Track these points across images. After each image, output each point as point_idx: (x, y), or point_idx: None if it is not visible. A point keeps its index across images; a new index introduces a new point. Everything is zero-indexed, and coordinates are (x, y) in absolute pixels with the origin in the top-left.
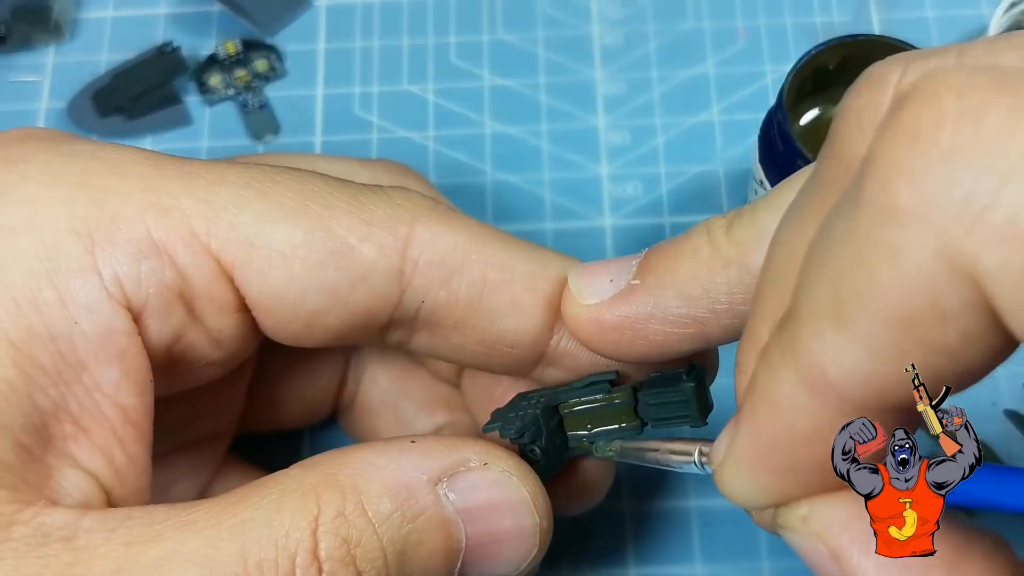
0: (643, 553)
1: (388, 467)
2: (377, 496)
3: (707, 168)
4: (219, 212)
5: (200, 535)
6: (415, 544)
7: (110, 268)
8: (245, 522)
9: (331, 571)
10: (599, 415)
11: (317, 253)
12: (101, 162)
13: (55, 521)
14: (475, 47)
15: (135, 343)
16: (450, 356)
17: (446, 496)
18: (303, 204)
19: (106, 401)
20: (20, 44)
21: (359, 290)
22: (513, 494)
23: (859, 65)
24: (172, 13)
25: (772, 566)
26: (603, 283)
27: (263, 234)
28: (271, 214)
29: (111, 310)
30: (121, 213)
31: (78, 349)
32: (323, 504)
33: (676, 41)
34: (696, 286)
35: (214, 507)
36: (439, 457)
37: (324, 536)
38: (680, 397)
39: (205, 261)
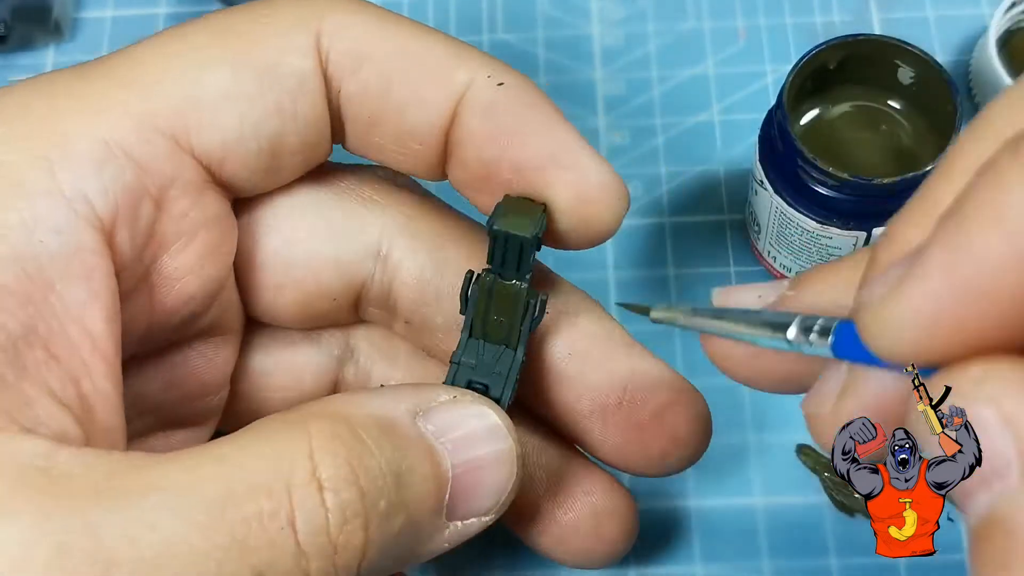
0: (643, 553)
1: (369, 402)
2: (365, 422)
3: (707, 168)
4: (150, 87)
5: (182, 465)
6: (408, 470)
7: (73, 185)
8: (231, 453)
9: (335, 488)
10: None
11: (250, 83)
12: (35, 90)
13: (31, 449)
14: (475, 47)
15: (103, 264)
16: (379, 159)
17: (425, 427)
18: (219, 44)
19: (74, 326)
20: (20, 44)
21: (300, 99)
22: (487, 421)
23: (859, 65)
24: (172, 13)
25: (772, 566)
26: (750, 297)
27: (198, 87)
28: (195, 66)
29: (78, 228)
30: (69, 129)
31: (44, 269)
32: (314, 430)
33: (676, 41)
34: None
35: (196, 448)
36: (411, 395)
37: (322, 457)
38: None
39: (158, 142)
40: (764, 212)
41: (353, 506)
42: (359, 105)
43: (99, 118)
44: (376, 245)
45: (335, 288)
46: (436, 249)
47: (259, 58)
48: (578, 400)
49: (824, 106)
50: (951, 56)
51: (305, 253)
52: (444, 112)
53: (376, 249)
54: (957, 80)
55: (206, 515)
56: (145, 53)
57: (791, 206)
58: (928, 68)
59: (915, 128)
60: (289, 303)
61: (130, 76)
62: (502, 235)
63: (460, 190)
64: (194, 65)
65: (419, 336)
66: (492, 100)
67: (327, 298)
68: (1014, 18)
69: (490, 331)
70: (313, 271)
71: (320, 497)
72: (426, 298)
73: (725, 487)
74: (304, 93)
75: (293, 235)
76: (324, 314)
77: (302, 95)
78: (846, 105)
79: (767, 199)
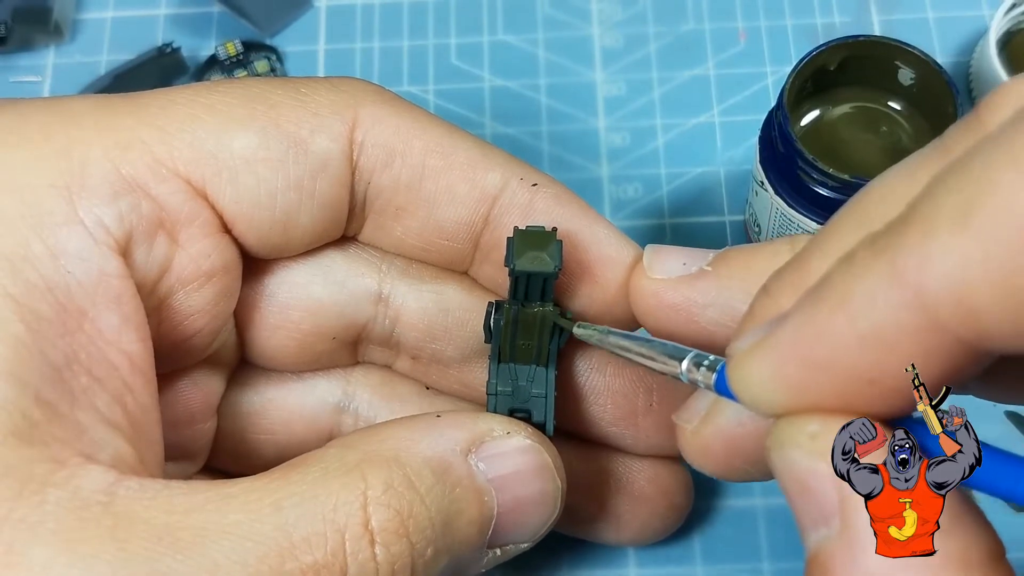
0: (643, 553)
1: (424, 441)
2: (420, 468)
3: (708, 169)
4: (175, 135)
5: (242, 508)
6: (456, 514)
7: (91, 214)
8: (290, 496)
9: (385, 543)
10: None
11: (275, 152)
12: (57, 115)
13: (92, 483)
14: (475, 48)
15: (129, 286)
16: (397, 249)
17: (477, 466)
18: (251, 108)
19: (111, 349)
20: (20, 45)
21: (321, 180)
22: (537, 460)
23: (859, 66)
24: (172, 14)
25: (772, 566)
26: (675, 264)
27: (222, 144)
28: (224, 124)
29: (101, 255)
30: (88, 158)
31: (75, 297)
32: (370, 478)
33: (676, 42)
34: None
35: (255, 483)
36: (467, 428)
37: (376, 509)
38: None
39: (176, 184)
40: (764, 213)
41: (402, 559)
42: (389, 198)
43: (120, 153)
44: (377, 288)
45: (334, 328)
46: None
47: (289, 131)
48: (606, 409)
49: (824, 107)
50: (951, 57)
51: (303, 298)
52: (477, 210)
53: (377, 292)
54: (957, 81)
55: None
56: (178, 98)
57: (791, 207)
58: (928, 69)
59: (915, 129)
60: (286, 344)
61: (158, 118)
62: (524, 274)
63: (484, 284)
64: (224, 122)
65: (426, 371)
66: (530, 202)
67: (326, 338)
68: (1014, 19)
69: (519, 355)
70: (311, 312)
71: (372, 551)
72: (434, 333)
73: (725, 488)
74: (327, 175)
75: (292, 279)
76: (322, 355)
77: (325, 176)
78: (846, 106)
79: (767, 200)
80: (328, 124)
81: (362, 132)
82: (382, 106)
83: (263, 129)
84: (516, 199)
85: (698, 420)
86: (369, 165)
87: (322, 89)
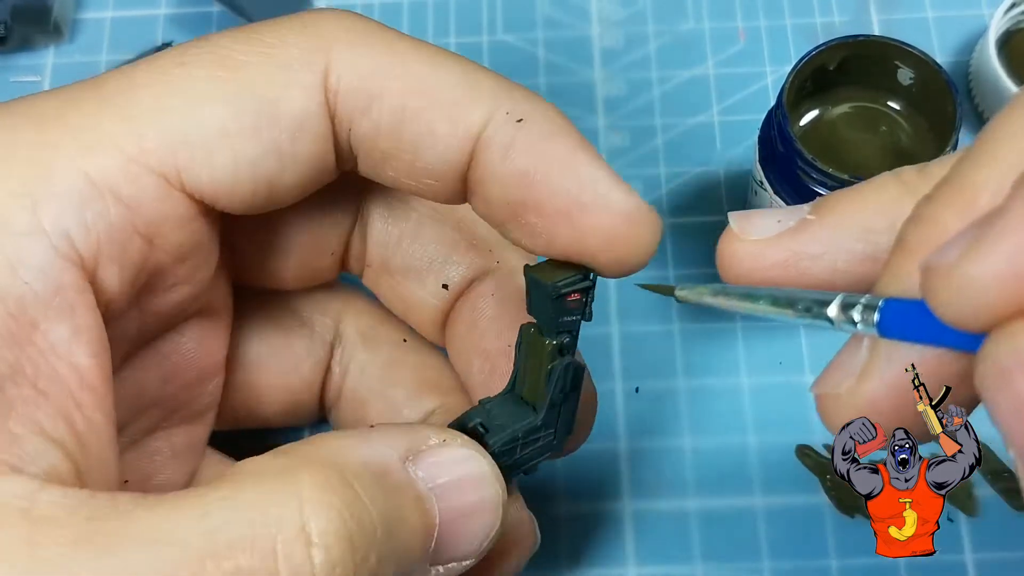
0: (643, 553)
1: (360, 447)
2: (359, 471)
3: (707, 169)
4: (144, 125)
5: (167, 515)
6: (398, 521)
7: (56, 224)
8: (218, 502)
9: (325, 545)
10: None
11: (247, 121)
12: (23, 117)
13: (13, 489)
14: (475, 48)
15: (85, 300)
16: (394, 187)
17: (416, 474)
18: (216, 75)
19: (60, 362)
20: (20, 44)
21: (300, 140)
22: (475, 468)
23: (859, 66)
24: (172, 13)
25: (772, 566)
26: (770, 222)
27: (192, 126)
28: (191, 102)
29: (59, 267)
30: (55, 164)
31: (28, 308)
32: (306, 480)
33: (676, 42)
34: (882, 219)
35: (187, 492)
36: (401, 437)
37: (313, 510)
38: None
39: (148, 181)
40: None
41: (343, 563)
42: (372, 143)
43: (87, 154)
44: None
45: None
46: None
47: (259, 94)
48: None
49: (824, 107)
50: (951, 57)
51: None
52: (460, 151)
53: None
54: (957, 81)
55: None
56: (143, 79)
57: None
58: (928, 69)
59: (915, 129)
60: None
61: (124, 108)
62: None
63: (485, 220)
64: (191, 99)
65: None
66: (511, 140)
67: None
68: (1014, 19)
69: (526, 391)
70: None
71: (307, 553)
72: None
73: (725, 487)
74: (305, 133)
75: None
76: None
77: (302, 135)
78: (846, 106)
79: (767, 200)
80: (299, 78)
81: (336, 77)
82: (356, 45)
83: (233, 98)
84: (497, 137)
85: (853, 378)
86: (347, 113)
87: (291, 35)
